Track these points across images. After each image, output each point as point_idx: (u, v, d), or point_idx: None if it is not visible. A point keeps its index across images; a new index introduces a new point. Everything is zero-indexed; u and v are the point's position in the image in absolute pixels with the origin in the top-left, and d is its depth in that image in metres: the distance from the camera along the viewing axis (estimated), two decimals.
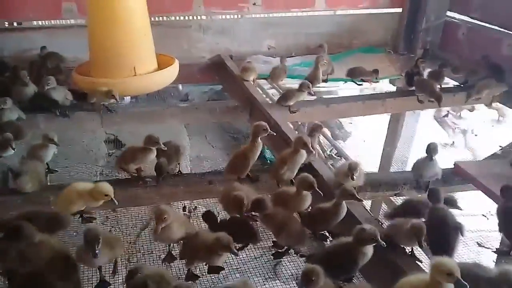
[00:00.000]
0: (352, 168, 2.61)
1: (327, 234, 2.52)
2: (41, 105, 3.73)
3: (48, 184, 2.99)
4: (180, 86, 6.23)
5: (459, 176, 3.00)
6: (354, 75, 4.45)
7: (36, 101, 3.75)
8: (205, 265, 2.28)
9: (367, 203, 3.33)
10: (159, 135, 2.85)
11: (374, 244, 2.02)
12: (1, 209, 2.61)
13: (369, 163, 4.81)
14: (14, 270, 2.07)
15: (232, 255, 2.13)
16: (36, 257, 2.05)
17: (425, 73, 4.29)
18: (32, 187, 2.76)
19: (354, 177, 2.58)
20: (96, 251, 1.96)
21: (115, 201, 2.44)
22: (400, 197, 2.94)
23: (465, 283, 1.69)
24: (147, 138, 2.81)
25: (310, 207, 2.54)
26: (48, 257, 2.04)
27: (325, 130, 5.28)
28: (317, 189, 2.39)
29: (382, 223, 2.50)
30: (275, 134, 2.94)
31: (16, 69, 3.91)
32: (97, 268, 2.24)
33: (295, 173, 2.80)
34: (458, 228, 2.24)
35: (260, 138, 2.84)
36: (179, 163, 3.01)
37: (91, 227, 2.11)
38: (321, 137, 3.37)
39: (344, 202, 2.34)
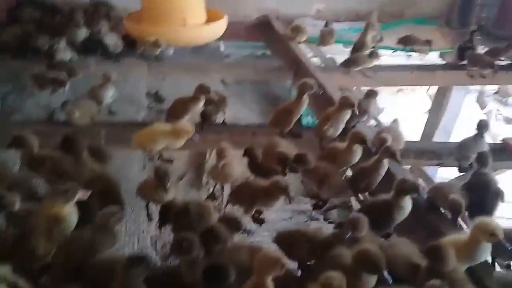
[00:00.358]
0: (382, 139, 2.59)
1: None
2: (92, 48, 3.84)
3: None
4: (221, 47, 6.21)
5: (508, 152, 2.92)
6: (406, 43, 4.33)
7: (88, 44, 3.86)
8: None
9: None
10: None
11: (415, 195, 2.02)
12: (50, 139, 2.73)
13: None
14: None
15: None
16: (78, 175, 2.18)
17: (479, 48, 4.14)
18: (81, 119, 2.88)
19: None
20: (167, 186, 2.06)
21: (196, 138, 2.54)
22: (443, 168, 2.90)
23: (507, 244, 1.69)
24: (199, 86, 2.86)
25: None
26: (88, 177, 2.17)
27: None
28: (368, 145, 2.39)
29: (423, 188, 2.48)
30: (321, 92, 2.93)
31: (72, 12, 4.01)
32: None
33: (338, 132, 2.81)
34: (498, 194, 2.21)
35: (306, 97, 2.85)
36: (224, 113, 3.06)
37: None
38: None
39: (385, 160, 2.33)
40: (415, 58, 4.89)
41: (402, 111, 6.10)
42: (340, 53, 5.28)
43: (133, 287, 1.53)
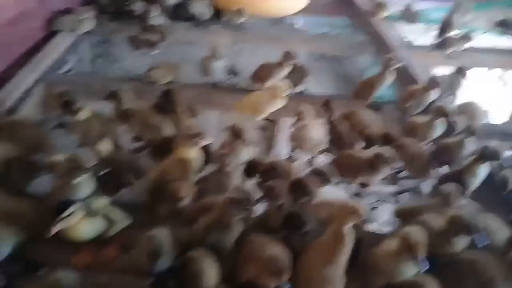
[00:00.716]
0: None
1: None
2: (181, 15, 4.02)
3: None
4: (298, 22, 6.19)
5: None
6: (506, 26, 4.11)
7: (177, 11, 4.05)
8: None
9: None
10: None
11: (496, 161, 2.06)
12: (146, 94, 2.94)
13: None
14: None
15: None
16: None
17: None
18: (162, 81, 3.10)
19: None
20: (245, 140, 2.21)
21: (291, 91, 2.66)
22: None
23: None
24: (285, 53, 2.93)
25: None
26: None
27: None
28: (452, 120, 2.37)
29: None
30: (403, 65, 2.97)
31: None
32: None
33: (420, 110, 2.80)
34: None
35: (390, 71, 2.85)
36: (304, 83, 3.13)
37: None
38: None
39: (469, 139, 2.30)
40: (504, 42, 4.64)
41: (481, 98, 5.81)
42: (419, 33, 5.13)
43: (230, 225, 1.67)
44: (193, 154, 2.02)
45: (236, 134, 2.24)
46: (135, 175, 2.13)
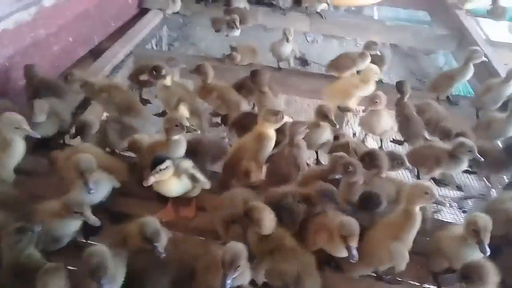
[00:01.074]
0: None
1: None
2: (263, 0, 4.15)
3: None
4: (379, 14, 6.11)
5: None
6: None
7: None
8: None
9: None
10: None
11: None
12: (225, 73, 3.12)
13: None
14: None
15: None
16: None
17: None
18: (242, 62, 3.26)
19: None
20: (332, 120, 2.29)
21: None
22: None
23: None
24: (368, 42, 2.99)
25: None
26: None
27: None
28: None
29: None
30: (487, 60, 2.89)
31: None
32: None
33: (497, 105, 2.74)
34: None
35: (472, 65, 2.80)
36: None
37: None
38: None
39: None
40: None
41: None
42: (503, 31, 4.91)
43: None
44: (272, 131, 2.11)
45: (323, 114, 2.31)
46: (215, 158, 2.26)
